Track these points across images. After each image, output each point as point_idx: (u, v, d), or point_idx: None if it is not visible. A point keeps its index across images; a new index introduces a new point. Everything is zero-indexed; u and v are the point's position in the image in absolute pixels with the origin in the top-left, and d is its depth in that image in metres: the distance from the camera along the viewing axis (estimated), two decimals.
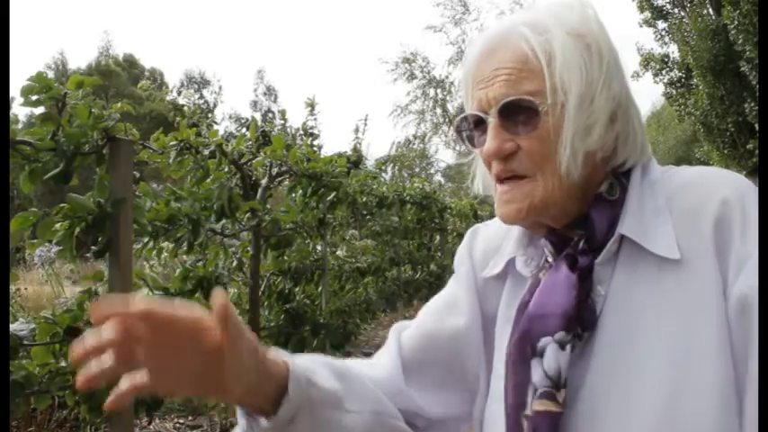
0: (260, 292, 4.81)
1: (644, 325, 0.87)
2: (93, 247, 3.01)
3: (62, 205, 3.04)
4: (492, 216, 1.10)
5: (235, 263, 4.73)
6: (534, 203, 0.93)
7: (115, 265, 3.09)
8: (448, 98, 31.43)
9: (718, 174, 0.93)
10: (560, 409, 0.87)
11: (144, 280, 3.68)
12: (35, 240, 3.12)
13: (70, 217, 3.02)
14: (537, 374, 0.89)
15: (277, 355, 0.91)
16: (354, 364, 1.09)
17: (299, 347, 5.17)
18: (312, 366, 0.95)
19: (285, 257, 5.20)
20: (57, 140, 2.95)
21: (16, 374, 2.66)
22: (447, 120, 31.46)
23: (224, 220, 4.25)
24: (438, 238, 9.92)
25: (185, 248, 3.92)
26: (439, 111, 31.62)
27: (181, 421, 4.94)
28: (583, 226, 0.95)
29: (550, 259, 0.97)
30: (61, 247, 3.11)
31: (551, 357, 0.88)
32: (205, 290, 4.05)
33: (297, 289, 5.38)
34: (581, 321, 0.90)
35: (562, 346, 0.89)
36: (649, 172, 0.97)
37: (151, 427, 4.83)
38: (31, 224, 2.93)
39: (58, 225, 2.97)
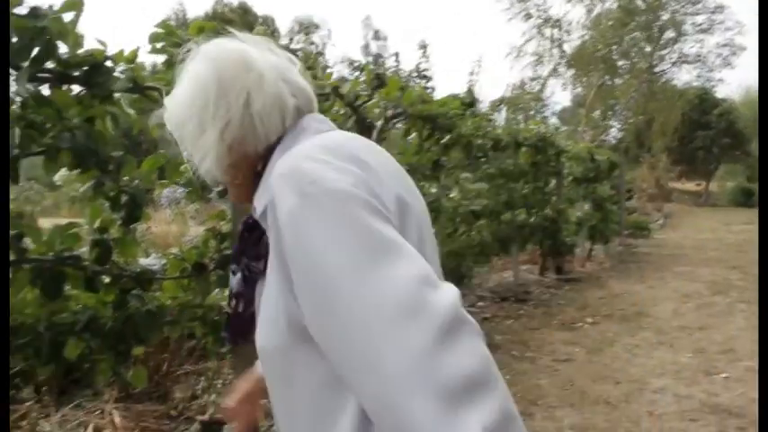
0: None
1: (270, 262, 1.02)
2: (216, 189, 3.12)
3: None
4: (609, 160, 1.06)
5: None
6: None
7: (237, 204, 3.20)
8: (565, 38, 30.23)
9: (293, 151, 1.03)
10: (232, 312, 1.20)
11: None
12: (164, 181, 3.27)
13: None
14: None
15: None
16: None
17: None
18: None
19: None
20: None
21: (150, 305, 2.83)
22: (565, 61, 30.33)
23: None
24: (554, 181, 9.68)
25: None
26: (556, 51, 30.50)
27: None
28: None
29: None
30: (188, 189, 3.25)
31: (231, 279, 1.20)
32: None
33: None
34: (249, 257, 1.14)
35: (234, 272, 1.19)
36: (289, 142, 1.11)
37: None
38: (159, 166, 3.06)
39: (182, 167, 3.09)
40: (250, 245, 1.15)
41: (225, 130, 1.11)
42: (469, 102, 6.23)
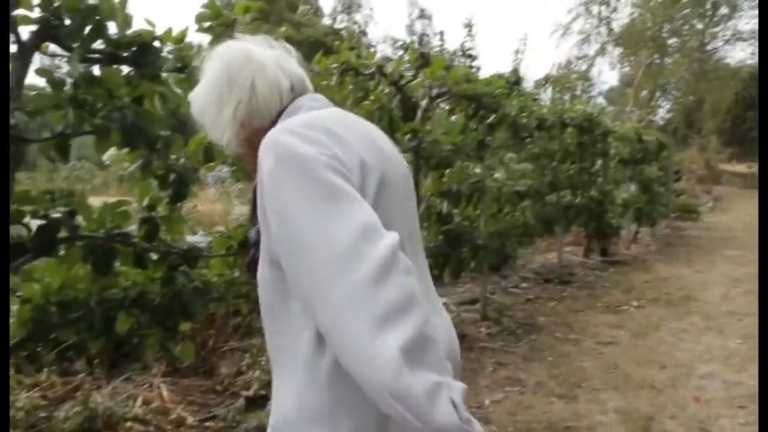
0: (419, 213, 4.86)
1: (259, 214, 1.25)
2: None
3: None
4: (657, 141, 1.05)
5: None
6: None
7: None
8: (613, 15, 29.55)
9: (278, 126, 1.28)
10: (250, 258, 1.40)
11: None
12: (211, 163, 3.31)
13: None
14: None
15: None
16: None
17: (457, 268, 5.22)
18: None
19: (445, 179, 5.21)
20: None
21: (197, 282, 2.87)
22: (612, 39, 29.67)
23: None
24: (600, 162, 9.52)
25: None
26: (603, 29, 29.83)
27: None
28: None
29: None
30: (234, 167, 3.28)
31: (251, 231, 1.38)
32: None
33: (456, 211, 5.39)
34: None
35: (252, 224, 1.37)
36: (286, 117, 1.36)
37: None
38: (205, 145, 3.10)
39: None
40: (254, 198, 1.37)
41: (236, 110, 1.39)
42: (514, 81, 6.17)
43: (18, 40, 2.19)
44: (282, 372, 1.28)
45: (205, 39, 3.04)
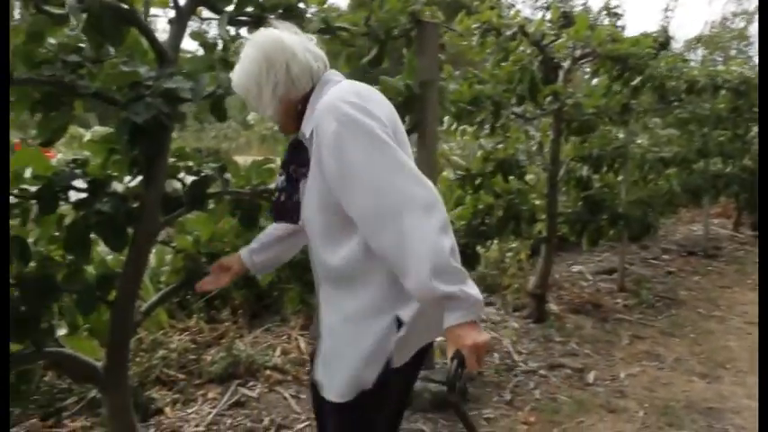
0: (558, 178, 4.74)
1: (311, 173, 1.69)
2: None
3: (374, 88, 3.20)
4: None
5: (534, 147, 4.69)
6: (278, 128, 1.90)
7: (422, 146, 3.21)
8: None
9: (330, 94, 1.65)
10: (276, 201, 1.84)
11: (448, 161, 3.79)
12: None
13: None
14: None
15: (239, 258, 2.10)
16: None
17: (595, 236, 5.06)
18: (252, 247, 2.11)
19: (586, 143, 5.03)
20: (369, 25, 3.09)
21: None
22: None
23: (525, 103, 4.19)
24: (755, 129, 8.85)
25: (487, 131, 3.96)
26: None
27: None
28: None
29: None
30: None
31: (278, 179, 1.86)
32: (505, 172, 4.09)
33: (596, 176, 5.21)
34: (296, 164, 1.78)
35: (280, 174, 1.84)
36: (319, 90, 1.72)
37: None
38: None
39: None
40: (296, 157, 1.78)
41: (275, 89, 1.71)
42: (663, 41, 5.82)
43: (176, 5, 2.29)
44: (345, 284, 1.71)
45: (344, 3, 3.07)
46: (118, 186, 2.28)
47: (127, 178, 2.29)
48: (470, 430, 1.80)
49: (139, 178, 2.26)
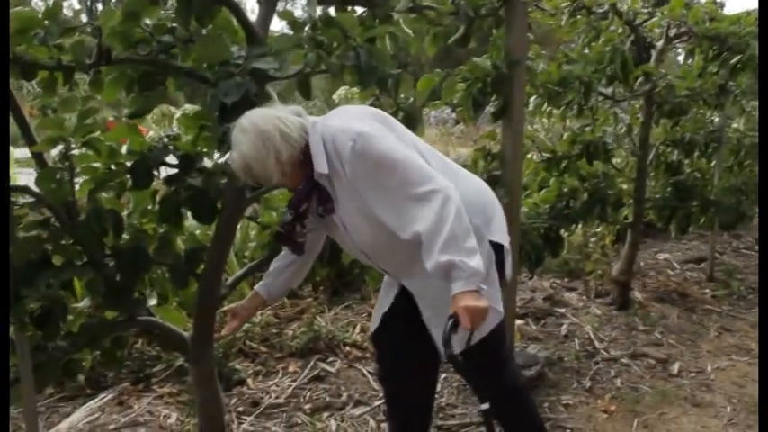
0: (647, 162, 4.59)
1: (340, 200, 1.97)
2: (489, 108, 3.12)
3: (461, 67, 3.17)
4: None
5: (623, 129, 4.55)
6: None
7: (508, 127, 3.16)
8: None
9: (329, 127, 1.92)
10: (284, 232, 2.09)
11: (533, 141, 3.72)
12: (436, 102, 3.34)
13: (469, 79, 3.15)
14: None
15: (257, 294, 2.33)
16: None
17: (685, 223, 4.88)
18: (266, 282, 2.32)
19: (678, 127, 4.84)
20: (456, 3, 3.05)
21: None
22: None
23: (615, 85, 4.07)
24: None
25: (574, 112, 3.87)
26: None
27: (558, 281, 5.10)
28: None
29: None
30: (459, 109, 3.28)
31: (286, 215, 2.09)
32: (591, 155, 3.99)
33: (687, 161, 5.01)
34: (322, 204, 2.00)
35: (289, 213, 2.04)
36: (313, 133, 1.92)
37: (529, 282, 5.07)
38: (434, 85, 3.13)
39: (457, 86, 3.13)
40: (320, 197, 1.98)
41: (279, 157, 1.87)
42: None
43: None
44: (418, 264, 1.91)
45: None
46: (207, 162, 2.35)
47: (216, 154, 2.35)
48: (475, 391, 2.34)
49: (228, 154, 2.32)
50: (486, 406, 1.95)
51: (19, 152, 5.45)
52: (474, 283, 1.76)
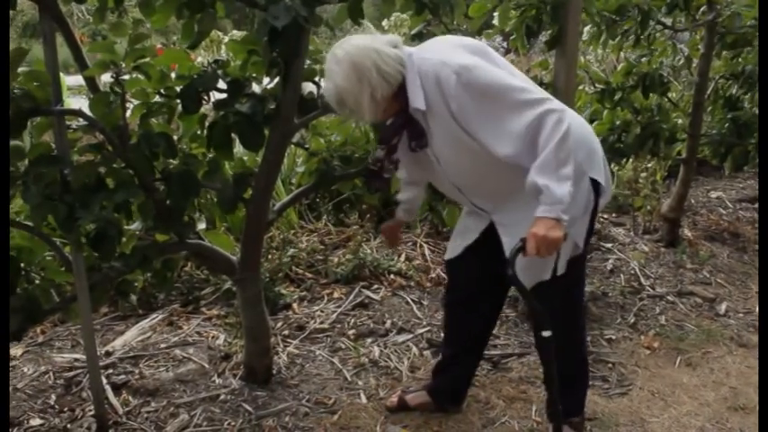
0: (705, 96, 4.42)
1: (435, 134, 1.95)
2: (542, 37, 3.02)
3: None
4: None
5: (681, 61, 4.38)
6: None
7: (561, 56, 3.07)
8: None
9: (430, 61, 1.88)
10: (376, 170, 2.13)
11: (587, 72, 3.61)
12: (489, 31, 3.25)
13: (523, 5, 3.05)
14: None
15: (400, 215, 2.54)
16: None
17: (741, 160, 4.73)
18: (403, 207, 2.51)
19: (740, 59, 4.64)
20: None
21: None
22: None
23: (675, 13, 3.90)
24: None
25: (631, 42, 3.73)
26: None
27: (605, 216, 5.03)
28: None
29: None
30: (512, 37, 3.20)
31: (379, 151, 2.10)
32: (646, 87, 3.86)
33: (747, 96, 4.82)
34: (415, 139, 1.99)
35: (381, 148, 2.07)
36: (411, 67, 1.87)
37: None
38: (486, 11, 3.04)
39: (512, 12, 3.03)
40: (412, 132, 1.97)
41: (373, 95, 1.82)
42: None
43: None
44: (511, 195, 1.99)
45: None
46: (256, 88, 2.34)
47: (265, 80, 2.34)
48: (531, 311, 2.45)
49: (277, 80, 2.30)
50: (547, 333, 1.96)
51: (71, 79, 5.52)
52: (554, 211, 1.77)
